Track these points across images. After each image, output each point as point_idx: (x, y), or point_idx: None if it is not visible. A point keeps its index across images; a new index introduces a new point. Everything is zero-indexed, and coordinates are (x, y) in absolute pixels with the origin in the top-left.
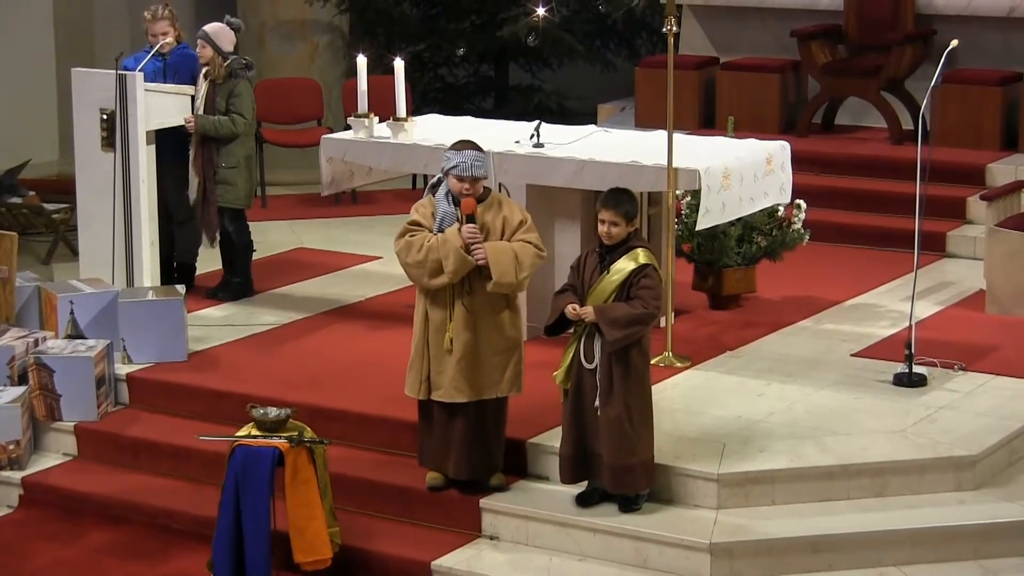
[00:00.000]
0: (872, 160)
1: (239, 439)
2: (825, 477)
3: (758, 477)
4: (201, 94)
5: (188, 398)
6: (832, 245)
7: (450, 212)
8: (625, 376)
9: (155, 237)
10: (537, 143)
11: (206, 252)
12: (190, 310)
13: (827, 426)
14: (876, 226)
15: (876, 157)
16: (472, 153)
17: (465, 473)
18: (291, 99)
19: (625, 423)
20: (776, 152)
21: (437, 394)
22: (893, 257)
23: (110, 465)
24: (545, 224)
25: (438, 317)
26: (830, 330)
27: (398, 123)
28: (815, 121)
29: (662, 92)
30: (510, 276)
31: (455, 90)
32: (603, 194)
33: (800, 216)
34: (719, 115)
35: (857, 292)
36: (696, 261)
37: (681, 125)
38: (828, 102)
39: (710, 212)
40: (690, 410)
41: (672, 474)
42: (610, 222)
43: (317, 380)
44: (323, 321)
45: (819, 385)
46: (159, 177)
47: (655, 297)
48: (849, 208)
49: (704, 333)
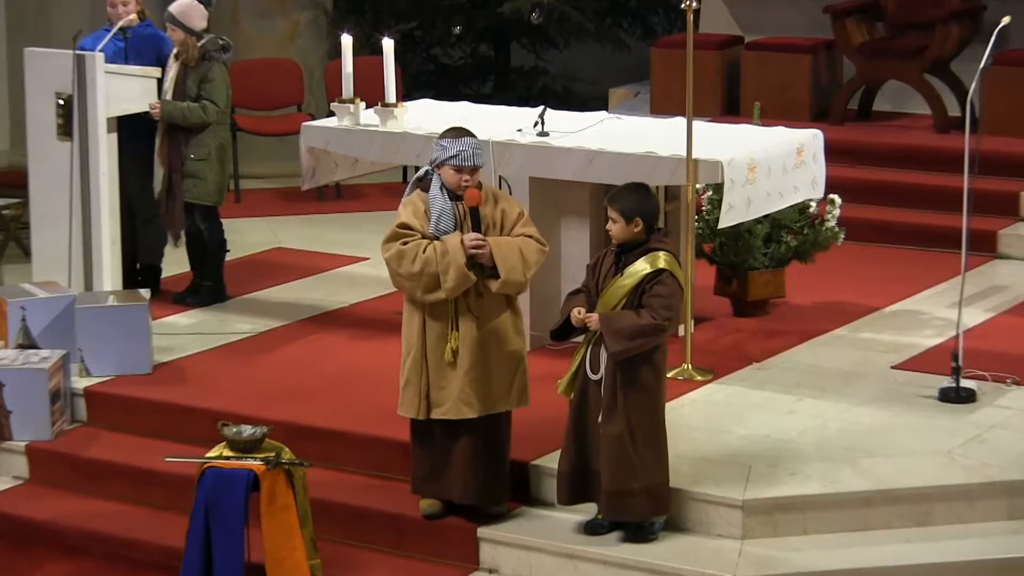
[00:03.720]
0: (914, 150)
1: (209, 461)
2: (862, 504)
3: (788, 504)
4: (170, 77)
5: (153, 415)
6: (870, 245)
7: (448, 209)
8: (631, 390)
9: (116, 236)
10: (541, 132)
11: (174, 253)
12: (155, 317)
13: (864, 447)
14: (919, 224)
15: (919, 147)
16: (471, 140)
17: (472, 497)
18: (268, 83)
19: (627, 443)
20: (807, 142)
21: (440, 411)
22: (938, 258)
23: (65, 490)
24: (550, 222)
25: (439, 325)
26: (868, 340)
27: (387, 109)
28: (851, 107)
29: (680, 75)
30: (518, 274)
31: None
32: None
33: (834, 213)
34: (744, 101)
35: (898, 297)
36: (718, 263)
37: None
38: (865, 86)
39: (734, 208)
40: (711, 429)
41: (691, 500)
42: (609, 219)
43: (297, 395)
44: (304, 329)
45: (855, 401)
46: (121, 169)
47: (666, 307)
48: (889, 204)
49: (727, 343)
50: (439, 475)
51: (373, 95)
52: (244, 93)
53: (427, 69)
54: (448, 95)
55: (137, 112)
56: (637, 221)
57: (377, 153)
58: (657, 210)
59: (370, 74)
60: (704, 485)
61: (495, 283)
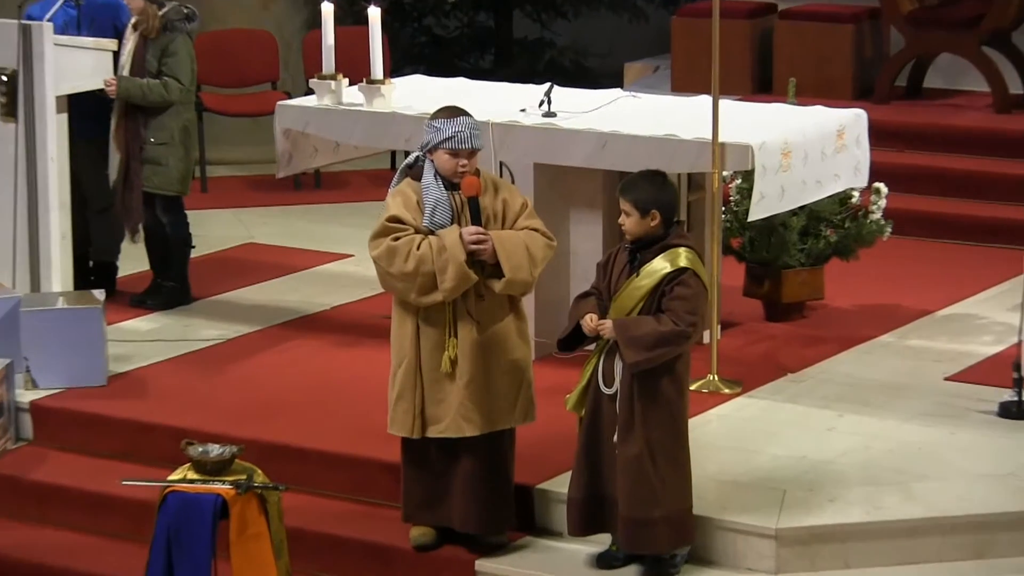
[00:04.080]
0: (970, 133)
1: (172, 484)
2: (911, 534)
3: (827, 533)
4: (127, 50)
5: (108, 432)
6: (920, 240)
7: (443, 199)
8: (650, 405)
9: (67, 230)
10: (548, 112)
11: (132, 249)
12: (111, 321)
13: (914, 469)
14: (976, 216)
15: (975, 129)
16: (467, 120)
17: (475, 524)
18: (239, 56)
19: (647, 465)
20: (849, 123)
21: (437, 429)
22: (997, 255)
23: (9, 517)
24: (558, 215)
25: (434, 332)
26: (918, 347)
27: (373, 87)
28: (898, 84)
29: (705, 47)
30: (524, 272)
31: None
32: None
33: (879, 203)
34: (777, 77)
35: (952, 300)
36: (748, 260)
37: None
38: (915, 60)
39: (766, 198)
40: (741, 448)
41: (718, 529)
42: (622, 211)
43: (271, 410)
44: (279, 336)
45: (904, 417)
46: (72, 154)
47: (690, 311)
48: (942, 193)
49: (758, 351)
50: (436, 501)
51: (357, 70)
52: (211, 68)
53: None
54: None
55: (91, 90)
56: (654, 214)
57: (362, 136)
58: (676, 200)
59: (354, 47)
60: (733, 512)
61: (498, 283)
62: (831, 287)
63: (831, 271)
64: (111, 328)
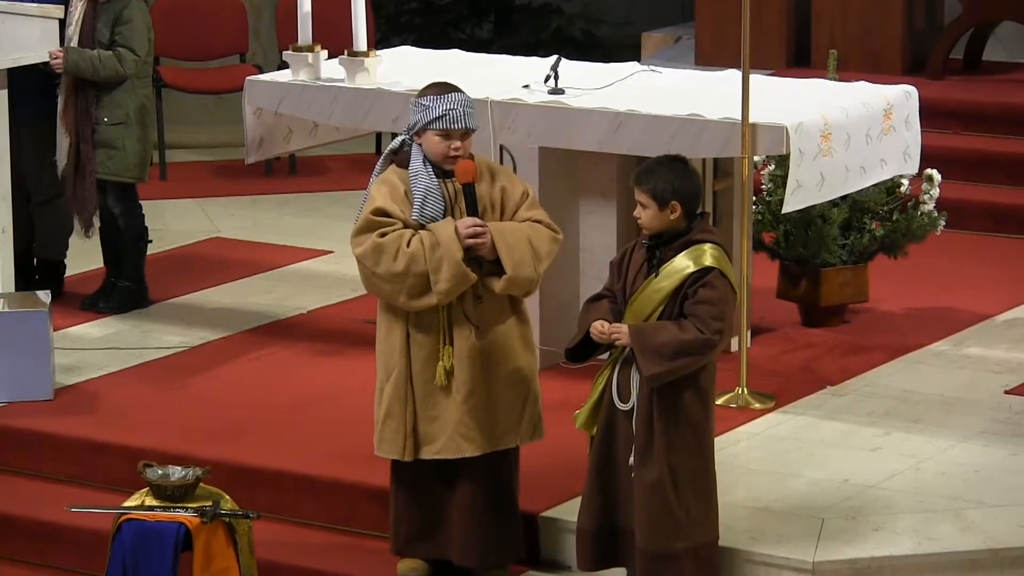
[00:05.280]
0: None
1: (128, 512)
2: (968, 568)
3: (871, 567)
4: (76, 19)
5: (55, 453)
6: (979, 234)
7: (434, 188)
8: (671, 424)
9: (8, 223)
10: (555, 88)
11: (81, 244)
12: (58, 327)
13: (971, 494)
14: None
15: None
16: (460, 96)
17: (475, 558)
18: (202, 25)
19: (668, 491)
20: (898, 102)
21: (432, 450)
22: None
23: None
24: (566, 206)
25: (428, 339)
26: (976, 357)
27: (355, 60)
28: (954, 57)
29: (734, 15)
30: (528, 269)
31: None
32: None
33: (932, 193)
34: (816, 48)
35: (1014, 302)
36: (783, 258)
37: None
38: (974, 29)
39: (803, 188)
40: (774, 471)
41: (749, 563)
42: (638, 203)
43: (239, 427)
44: (248, 343)
45: (960, 435)
46: (13, 138)
47: (717, 317)
48: (1003, 182)
49: (794, 361)
50: (430, 531)
51: (338, 41)
52: (171, 38)
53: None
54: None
55: (34, 63)
56: (674, 205)
57: (342, 116)
58: (699, 190)
59: (334, 14)
60: (765, 544)
61: (499, 281)
62: (876, 288)
63: (876, 270)
64: (58, 334)
